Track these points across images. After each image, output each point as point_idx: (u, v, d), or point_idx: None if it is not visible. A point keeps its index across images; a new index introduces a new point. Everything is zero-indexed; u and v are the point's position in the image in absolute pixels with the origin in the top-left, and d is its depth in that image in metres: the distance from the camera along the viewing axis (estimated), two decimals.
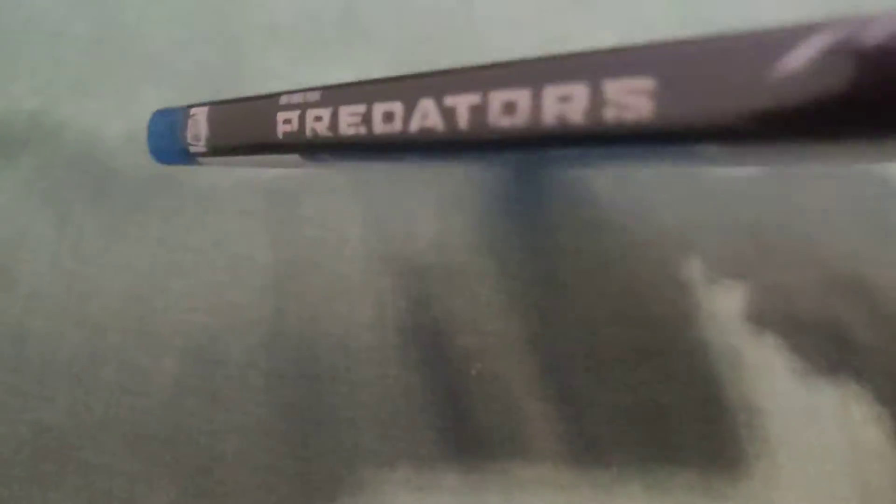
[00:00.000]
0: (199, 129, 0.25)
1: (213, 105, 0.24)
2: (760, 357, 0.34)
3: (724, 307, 0.34)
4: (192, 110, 0.25)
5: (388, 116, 0.18)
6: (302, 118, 0.21)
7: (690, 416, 0.34)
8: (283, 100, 0.22)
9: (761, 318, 0.34)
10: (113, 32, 0.44)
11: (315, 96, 0.21)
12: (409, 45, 0.41)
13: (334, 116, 0.20)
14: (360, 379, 0.37)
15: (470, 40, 0.40)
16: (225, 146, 0.24)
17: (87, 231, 0.42)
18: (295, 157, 0.22)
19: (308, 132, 0.21)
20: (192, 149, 0.25)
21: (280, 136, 0.22)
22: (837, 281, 0.34)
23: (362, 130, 0.19)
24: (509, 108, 0.16)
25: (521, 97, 0.16)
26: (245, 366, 0.38)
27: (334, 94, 0.20)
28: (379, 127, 0.19)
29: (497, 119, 0.16)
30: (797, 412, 0.33)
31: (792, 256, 0.34)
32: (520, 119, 0.16)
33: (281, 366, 0.38)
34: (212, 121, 0.24)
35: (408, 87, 0.18)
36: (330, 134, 0.20)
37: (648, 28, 0.38)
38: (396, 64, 0.41)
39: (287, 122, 0.21)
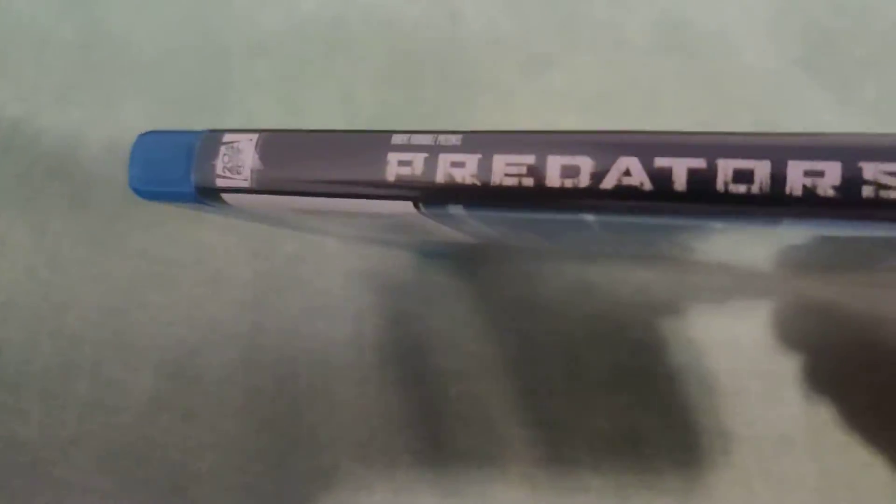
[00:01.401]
0: (240, 159, 0.21)
1: (269, 133, 0.21)
2: (736, 383, 0.35)
3: (701, 333, 0.35)
4: (228, 136, 0.21)
5: (571, 171, 0.18)
6: (431, 161, 0.19)
7: (668, 442, 0.35)
8: (398, 139, 0.19)
9: (737, 344, 0.35)
10: (99, 42, 0.42)
11: (454, 140, 0.19)
12: (395, 61, 0.40)
13: (485, 165, 0.19)
14: (339, 398, 0.36)
15: (455, 59, 0.40)
16: (285, 184, 0.20)
17: (65, 241, 0.39)
18: (404, 206, 0.19)
19: (441, 178, 0.19)
20: (223, 182, 0.21)
21: (391, 178, 0.19)
22: (812, 307, 0.35)
23: (529, 183, 0.18)
24: (742, 175, 0.16)
25: (759, 167, 0.16)
26: (222, 381, 0.37)
27: (482, 140, 0.19)
28: (556, 181, 0.18)
29: (727, 186, 0.16)
30: (771, 440, 0.34)
31: (767, 283, 0.35)
32: (756, 187, 0.16)
33: (259, 382, 0.37)
34: (265, 152, 0.21)
35: (597, 140, 0.18)
36: (478, 184, 0.18)
37: (630, 52, 0.39)
38: (381, 80, 0.41)
39: (404, 164, 0.19)
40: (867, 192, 0.15)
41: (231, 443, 0.36)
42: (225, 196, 0.21)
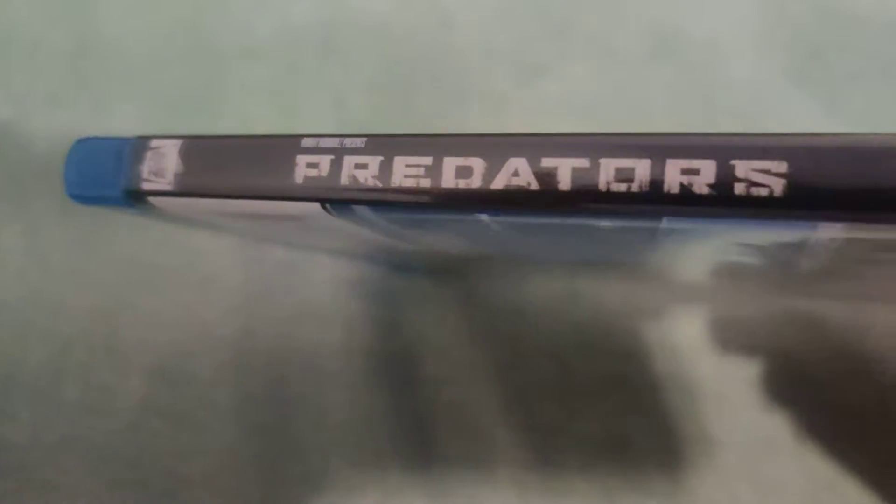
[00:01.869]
0: (163, 163, 0.21)
1: (190, 139, 0.22)
2: (721, 389, 0.35)
3: (686, 339, 0.35)
4: (154, 142, 0.22)
5: (464, 172, 0.18)
6: (336, 163, 0.19)
7: (653, 447, 0.35)
8: (308, 143, 0.20)
9: (722, 351, 0.35)
10: (92, 45, 0.42)
11: (358, 143, 0.19)
12: (387, 69, 0.41)
13: (385, 166, 0.19)
14: (329, 403, 0.36)
15: (448, 65, 0.40)
16: (203, 186, 0.21)
17: (56, 245, 0.40)
18: (312, 207, 0.20)
19: (345, 179, 0.19)
20: (148, 185, 0.21)
21: (299, 180, 0.20)
22: (795, 317, 0.35)
23: (426, 184, 0.18)
24: (623, 173, 0.16)
25: (639, 165, 0.16)
26: (213, 386, 0.37)
27: (385, 143, 0.19)
28: (450, 181, 0.18)
29: (607, 184, 0.16)
30: (755, 444, 0.34)
31: (752, 291, 0.35)
32: (636, 185, 0.16)
33: (249, 387, 0.37)
34: (187, 155, 0.21)
35: (489, 142, 0.18)
36: (379, 185, 0.19)
37: (622, 60, 0.39)
38: (374, 87, 0.41)
39: (312, 166, 0.20)
40: (739, 189, 0.16)
41: (221, 447, 0.36)
42: (151, 199, 0.22)
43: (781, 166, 0.15)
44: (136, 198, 0.22)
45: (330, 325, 0.37)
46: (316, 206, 0.20)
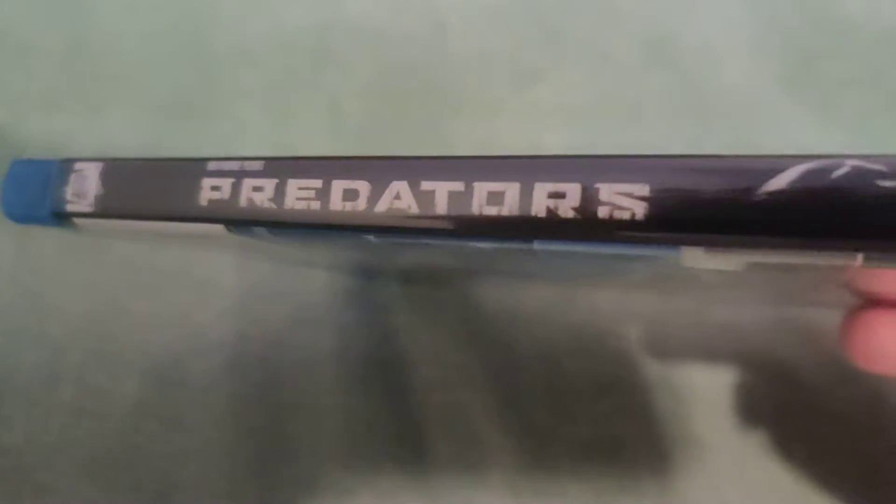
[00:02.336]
0: (85, 185, 0.22)
1: (110, 161, 0.22)
2: (712, 393, 0.35)
3: (679, 344, 0.34)
4: (78, 164, 0.22)
5: (351, 195, 0.18)
6: (237, 186, 0.20)
7: (645, 450, 0.35)
8: (212, 166, 0.20)
9: (714, 356, 0.35)
10: (86, 48, 0.43)
11: (256, 166, 0.20)
12: (382, 74, 0.41)
13: (280, 189, 0.19)
14: (323, 407, 0.37)
15: (442, 71, 0.40)
16: (122, 209, 0.22)
17: (49, 249, 0.40)
18: (217, 229, 0.20)
19: (243, 202, 0.19)
20: (72, 207, 0.22)
21: (204, 203, 0.20)
22: (787, 323, 0.35)
23: (315, 206, 0.19)
24: (495, 198, 0.16)
25: (510, 189, 0.16)
26: (207, 389, 0.38)
27: (281, 166, 0.19)
28: (338, 204, 0.18)
29: (480, 208, 0.17)
30: (744, 448, 0.34)
31: (742, 300, 0.35)
32: (506, 209, 0.16)
33: (243, 390, 0.37)
34: (106, 178, 0.22)
35: (375, 167, 0.18)
36: (274, 207, 0.19)
37: (616, 67, 0.38)
38: (368, 92, 0.41)
39: (216, 189, 0.20)
40: (603, 213, 0.16)
41: (215, 450, 0.36)
42: (75, 220, 0.22)
43: (644, 189, 0.15)
44: (61, 219, 0.22)
45: (324, 328, 0.38)
46: (220, 227, 0.20)
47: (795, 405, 0.34)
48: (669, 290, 0.33)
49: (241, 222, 0.20)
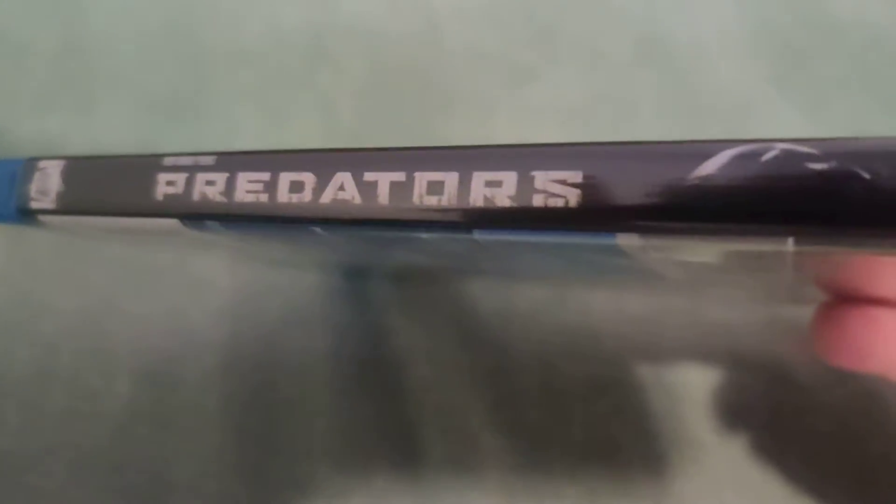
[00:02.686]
0: (48, 183, 0.22)
1: (71, 159, 0.22)
2: (708, 394, 0.35)
3: (673, 344, 0.34)
4: (41, 163, 0.23)
5: (297, 187, 0.18)
6: (190, 181, 0.20)
7: (641, 451, 0.35)
8: (167, 161, 0.20)
9: (709, 355, 0.35)
10: (79, 48, 0.43)
11: (209, 160, 0.20)
12: (377, 73, 0.41)
13: (230, 183, 0.19)
14: (317, 408, 0.37)
15: (436, 71, 0.40)
16: (81, 205, 0.22)
17: (42, 247, 0.41)
18: (172, 223, 0.20)
19: (196, 197, 0.20)
20: (35, 204, 0.22)
21: (159, 197, 0.20)
22: (782, 322, 0.35)
23: (263, 199, 0.19)
24: (435, 187, 0.17)
25: (448, 178, 0.16)
26: (200, 390, 0.38)
27: (232, 160, 0.20)
28: (284, 196, 0.18)
29: (420, 198, 0.17)
30: (741, 449, 0.34)
31: (738, 301, 0.35)
32: (445, 199, 0.16)
33: (237, 391, 0.37)
34: (68, 175, 0.22)
35: (321, 159, 0.18)
36: (224, 200, 0.19)
37: (609, 65, 0.38)
38: (362, 91, 0.41)
39: (170, 184, 0.20)
40: (538, 201, 0.16)
41: (208, 451, 0.36)
42: (39, 217, 0.22)
43: (577, 176, 0.15)
44: (27, 216, 0.23)
45: (317, 329, 0.38)
46: (175, 222, 0.20)
47: (791, 405, 0.34)
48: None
49: (194, 216, 0.20)
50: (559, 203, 0.15)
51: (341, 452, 0.36)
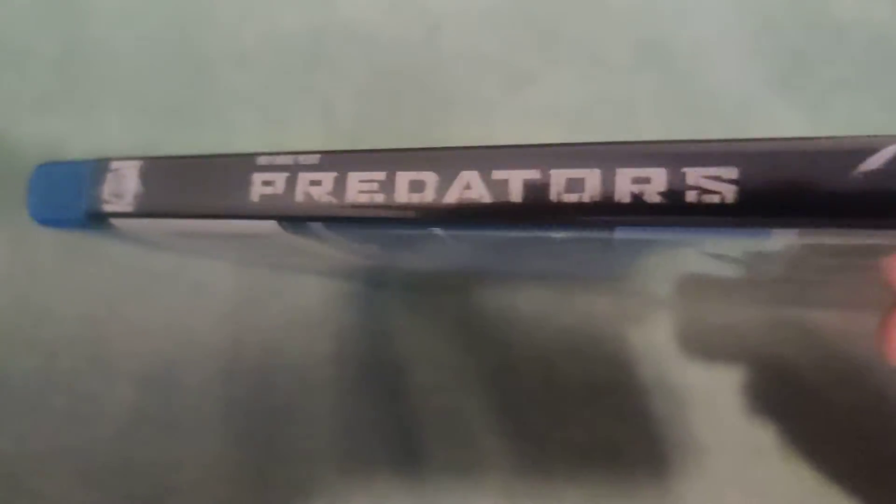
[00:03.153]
0: (124, 185, 0.21)
1: (150, 160, 0.21)
2: (709, 395, 0.35)
3: (676, 346, 0.35)
4: (114, 164, 0.21)
5: (417, 186, 0.18)
6: (291, 180, 0.19)
7: (642, 453, 0.35)
8: (262, 161, 0.20)
9: (712, 356, 0.35)
10: (80, 53, 0.42)
11: (312, 159, 0.19)
12: (375, 77, 0.40)
13: (340, 182, 0.19)
14: (319, 411, 0.36)
15: (435, 74, 0.40)
16: (164, 207, 0.21)
17: (43, 252, 0.40)
18: (269, 226, 0.20)
19: (300, 197, 0.19)
20: (108, 207, 0.21)
21: (255, 198, 0.19)
22: (786, 324, 0.35)
23: (379, 199, 0.18)
24: (574, 184, 0.16)
25: (591, 175, 0.16)
26: (202, 394, 0.37)
27: (339, 159, 0.19)
28: (403, 196, 0.18)
29: (558, 195, 0.16)
30: (743, 450, 0.34)
31: (740, 300, 0.35)
32: (587, 195, 0.16)
33: (238, 395, 0.37)
34: (147, 176, 0.21)
35: (441, 158, 0.18)
36: (334, 201, 0.18)
37: (608, 68, 0.38)
38: (361, 94, 0.41)
39: (268, 184, 0.19)
40: (690, 197, 0.15)
41: (209, 455, 0.36)
42: (112, 220, 0.21)
43: (732, 172, 0.15)
44: (97, 220, 0.22)
45: (319, 332, 0.37)
46: (273, 223, 0.19)
47: (795, 406, 0.34)
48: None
49: (298, 218, 0.19)
50: (714, 199, 0.15)
51: (343, 455, 0.36)
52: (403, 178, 0.18)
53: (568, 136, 0.37)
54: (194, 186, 0.20)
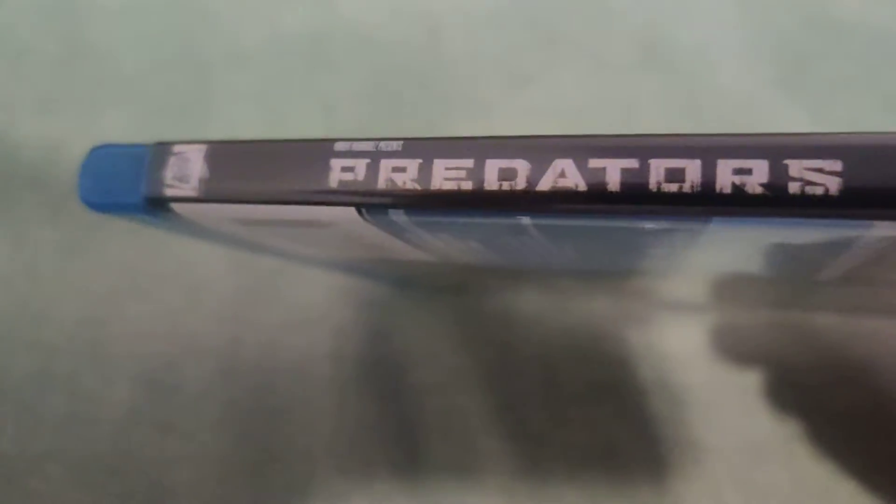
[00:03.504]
0: (188, 168, 0.21)
1: (217, 143, 0.21)
2: (709, 396, 0.35)
3: (676, 346, 0.35)
4: (177, 147, 0.21)
5: (508, 174, 0.18)
6: (373, 167, 0.19)
7: (642, 454, 0.35)
8: (341, 146, 0.19)
9: (712, 357, 0.35)
10: (80, 53, 0.42)
11: (394, 146, 0.19)
12: (376, 77, 0.41)
13: (425, 170, 0.18)
14: (317, 410, 0.36)
15: (436, 75, 0.40)
16: (231, 192, 0.20)
17: (43, 252, 0.39)
18: (347, 212, 0.19)
19: (382, 183, 0.19)
20: (172, 192, 0.21)
21: (333, 184, 0.19)
22: (786, 324, 0.36)
23: (467, 186, 0.18)
24: (674, 174, 0.16)
25: (690, 166, 0.16)
26: (200, 394, 0.37)
27: (423, 146, 0.19)
28: (494, 184, 0.18)
29: (658, 185, 0.16)
30: (743, 451, 0.35)
31: (740, 299, 0.36)
32: (687, 186, 0.16)
33: (237, 395, 0.37)
34: (214, 160, 0.21)
35: (532, 146, 0.18)
36: (419, 188, 0.18)
37: (609, 69, 0.39)
38: (362, 94, 0.41)
39: (347, 169, 0.19)
40: (794, 188, 0.16)
41: (209, 455, 0.36)
42: (174, 206, 0.21)
43: (836, 165, 0.15)
44: (157, 205, 0.21)
45: (319, 332, 0.37)
46: (351, 211, 0.19)
47: (794, 407, 0.35)
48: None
49: (380, 205, 0.19)
50: (818, 191, 0.15)
51: (342, 455, 0.36)
52: (493, 166, 0.18)
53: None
54: (265, 171, 0.20)
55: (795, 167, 0.16)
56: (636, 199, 0.17)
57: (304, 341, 0.37)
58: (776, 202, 0.16)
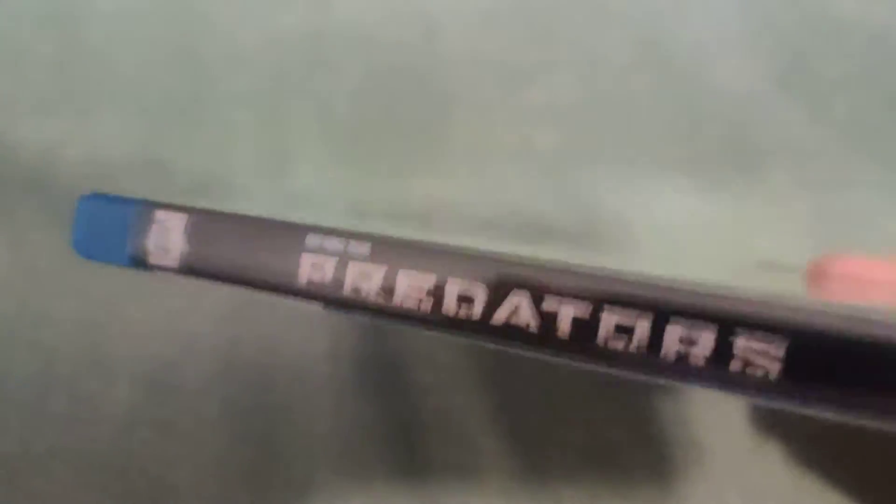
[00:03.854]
0: (168, 239, 0.21)
1: (195, 215, 0.21)
2: (711, 396, 0.35)
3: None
4: (159, 214, 0.21)
5: (466, 300, 0.18)
6: (340, 270, 0.19)
7: (642, 454, 0.35)
8: (312, 241, 0.19)
9: None
10: (77, 54, 0.40)
11: (363, 249, 0.19)
12: (372, 77, 0.40)
13: (389, 281, 0.19)
14: (316, 411, 0.37)
15: (432, 75, 0.40)
16: (210, 271, 0.21)
17: (42, 254, 0.40)
18: (313, 307, 0.20)
19: (348, 290, 0.19)
20: (154, 260, 0.21)
21: (302, 280, 0.19)
22: None
23: (427, 307, 0.18)
24: (622, 332, 0.16)
25: (640, 325, 0.16)
26: (200, 395, 0.38)
27: (390, 252, 0.19)
28: (451, 309, 0.18)
29: (605, 341, 0.16)
30: (745, 452, 0.35)
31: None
32: (633, 345, 0.16)
33: (236, 395, 0.37)
34: (192, 234, 0.21)
35: (495, 270, 0.18)
36: (382, 301, 0.18)
37: (607, 68, 0.38)
38: (359, 95, 0.41)
39: (316, 267, 0.19)
40: (735, 366, 0.16)
41: (208, 455, 0.37)
42: (157, 272, 0.22)
43: (780, 350, 0.15)
44: (142, 266, 0.22)
45: (317, 333, 0.38)
46: (318, 305, 0.20)
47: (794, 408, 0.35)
48: None
49: (345, 308, 0.19)
50: (758, 373, 0.15)
51: (341, 456, 0.37)
52: (453, 289, 0.18)
53: (568, 136, 0.38)
54: (241, 253, 0.20)
55: (741, 344, 0.16)
56: (583, 350, 0.17)
57: (302, 342, 0.38)
58: (715, 378, 0.16)
